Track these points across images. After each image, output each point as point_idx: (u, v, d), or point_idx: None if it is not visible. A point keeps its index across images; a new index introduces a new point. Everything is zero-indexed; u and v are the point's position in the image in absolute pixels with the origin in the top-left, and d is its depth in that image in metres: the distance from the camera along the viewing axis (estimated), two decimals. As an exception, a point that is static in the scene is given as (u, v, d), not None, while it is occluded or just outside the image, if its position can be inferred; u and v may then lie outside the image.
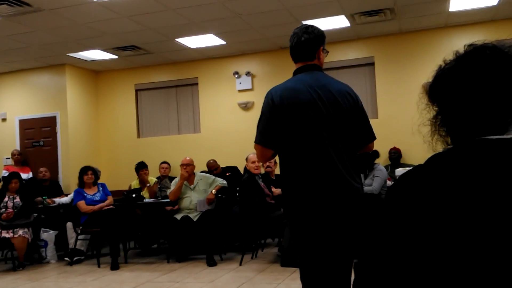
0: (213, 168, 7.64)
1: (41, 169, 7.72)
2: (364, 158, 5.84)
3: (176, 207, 6.30)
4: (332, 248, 2.37)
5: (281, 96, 2.40)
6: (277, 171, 6.47)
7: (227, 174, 7.32)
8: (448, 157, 0.89)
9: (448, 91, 0.95)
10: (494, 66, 0.92)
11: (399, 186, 0.93)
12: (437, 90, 0.99)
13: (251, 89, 8.37)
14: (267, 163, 6.14)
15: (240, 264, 5.64)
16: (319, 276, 2.41)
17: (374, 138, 2.55)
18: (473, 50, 0.96)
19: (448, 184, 0.85)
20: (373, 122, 8.70)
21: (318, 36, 2.49)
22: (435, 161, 0.90)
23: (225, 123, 8.52)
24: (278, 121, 2.39)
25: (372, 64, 7.89)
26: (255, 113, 8.49)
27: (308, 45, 2.46)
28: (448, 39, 7.41)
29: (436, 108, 1.00)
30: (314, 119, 2.36)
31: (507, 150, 0.85)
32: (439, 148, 1.00)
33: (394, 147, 7.42)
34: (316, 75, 2.46)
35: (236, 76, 8.37)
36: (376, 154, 5.96)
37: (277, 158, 2.58)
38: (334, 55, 8.03)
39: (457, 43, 7.35)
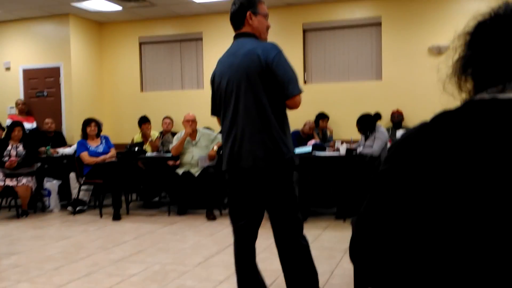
0: None
1: (47, 120, 7.77)
2: (366, 120, 5.86)
3: (178, 162, 6.37)
4: (241, 206, 2.69)
5: (213, 71, 2.73)
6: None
7: None
8: (455, 116, 0.86)
9: (494, 35, 0.91)
10: None
11: (403, 143, 0.90)
12: (483, 32, 0.93)
13: (256, 46, 8.26)
14: None
15: (239, 219, 5.76)
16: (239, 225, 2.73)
17: (292, 94, 2.45)
18: None
19: (453, 144, 0.82)
20: (376, 84, 8.61)
21: (242, 4, 2.57)
22: (442, 119, 0.87)
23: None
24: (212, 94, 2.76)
25: (379, 24, 7.77)
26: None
27: (234, 16, 2.60)
28: (459, 1, 7.27)
29: (467, 51, 0.95)
30: (224, 87, 2.59)
31: None
32: (450, 90, 0.97)
33: (397, 110, 7.41)
34: (239, 42, 2.60)
35: (241, 32, 8.24)
36: (378, 116, 5.95)
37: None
38: (341, 14, 7.91)
39: (467, 6, 7.26)
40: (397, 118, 7.35)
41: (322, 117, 7.57)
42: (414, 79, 7.45)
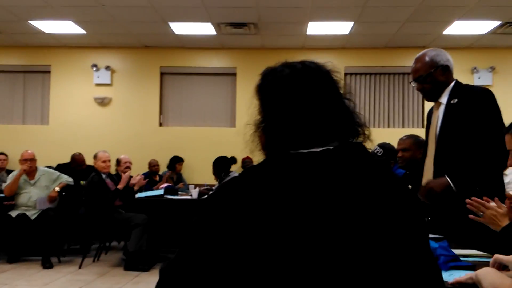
0: None
1: None
2: (221, 162, 5.94)
3: (13, 202, 5.74)
4: None
5: None
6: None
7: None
8: (261, 170, 0.95)
9: (277, 98, 1.03)
10: (316, 85, 1.01)
11: (216, 196, 0.96)
12: (268, 94, 1.06)
13: (110, 84, 8.01)
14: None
15: (80, 267, 5.32)
16: None
17: None
18: (303, 67, 1.06)
19: (258, 195, 0.90)
20: (231, 130, 8.86)
21: None
22: (249, 173, 0.96)
23: (78, 117, 8.02)
24: None
25: (234, 74, 8.10)
26: (112, 109, 8.15)
27: None
28: (309, 55, 7.92)
29: (263, 113, 1.06)
30: None
31: (315, 162, 0.92)
32: (255, 148, 1.06)
33: (247, 156, 7.68)
34: None
35: (94, 69, 7.94)
36: (233, 160, 6.11)
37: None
38: (198, 61, 8.09)
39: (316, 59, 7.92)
40: (247, 164, 7.61)
41: (178, 160, 7.53)
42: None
